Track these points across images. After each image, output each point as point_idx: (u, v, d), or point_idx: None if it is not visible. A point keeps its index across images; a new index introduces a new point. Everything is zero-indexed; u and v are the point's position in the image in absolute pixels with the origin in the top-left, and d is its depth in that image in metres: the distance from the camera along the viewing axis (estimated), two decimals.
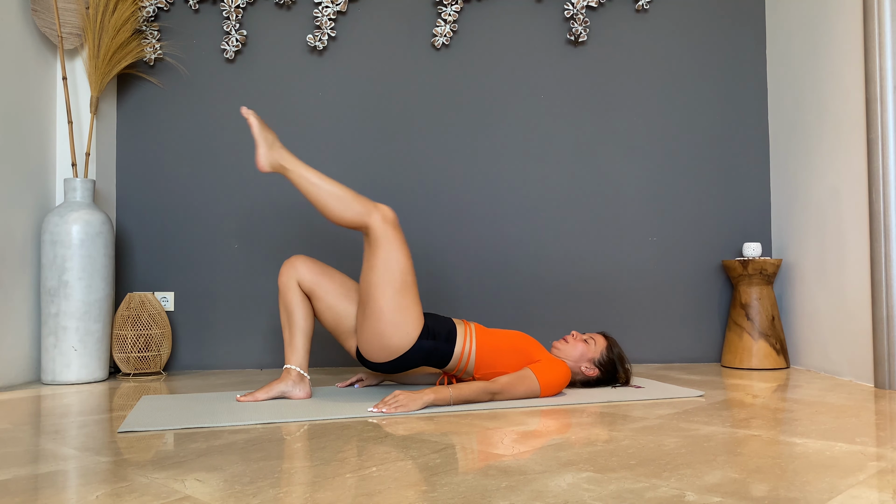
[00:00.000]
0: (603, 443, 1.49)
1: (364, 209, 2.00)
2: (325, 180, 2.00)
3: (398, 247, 2.00)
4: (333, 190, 1.99)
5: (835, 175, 2.55)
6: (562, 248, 3.00)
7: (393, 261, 1.99)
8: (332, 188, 1.99)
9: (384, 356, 2.04)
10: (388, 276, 1.98)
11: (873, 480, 1.20)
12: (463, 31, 3.04)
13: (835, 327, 2.55)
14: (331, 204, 1.99)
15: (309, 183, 1.99)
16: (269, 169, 2.02)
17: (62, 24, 2.70)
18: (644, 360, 2.99)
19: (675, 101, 3.05)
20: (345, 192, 2.00)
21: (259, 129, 2.02)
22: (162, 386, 2.45)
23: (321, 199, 1.99)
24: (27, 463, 1.37)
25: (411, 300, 2.02)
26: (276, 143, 2.04)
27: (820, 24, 2.64)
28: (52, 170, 2.76)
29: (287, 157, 2.02)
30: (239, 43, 2.98)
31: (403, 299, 2.00)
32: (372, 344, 2.02)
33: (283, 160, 2.01)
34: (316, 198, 2.00)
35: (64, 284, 2.51)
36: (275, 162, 2.02)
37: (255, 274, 2.97)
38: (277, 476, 1.25)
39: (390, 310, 1.98)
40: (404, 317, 2.00)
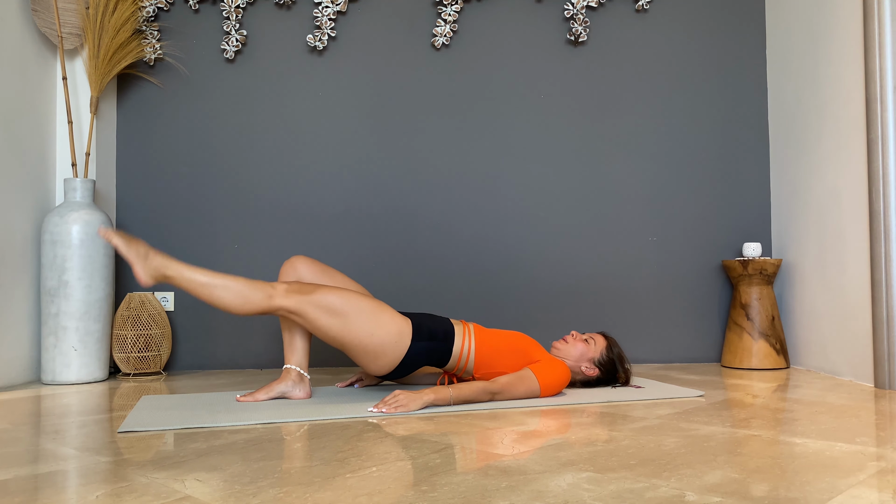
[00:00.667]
0: (603, 443, 1.49)
1: (263, 295, 1.91)
2: (214, 277, 1.90)
3: (323, 298, 1.94)
4: (226, 284, 1.89)
5: (835, 175, 2.55)
6: (561, 247, 3.00)
7: (334, 312, 1.94)
8: (224, 282, 1.90)
9: (387, 369, 2.06)
10: (342, 325, 1.95)
11: (873, 480, 1.20)
12: (463, 31, 3.04)
13: (835, 327, 2.55)
14: (228, 301, 1.89)
15: (198, 284, 1.88)
16: (152, 282, 1.88)
17: (62, 24, 2.70)
18: (644, 360, 2.99)
19: (675, 101, 3.05)
20: (238, 285, 1.90)
21: (126, 245, 1.86)
22: (162, 386, 2.45)
23: (217, 298, 1.89)
24: (27, 463, 1.37)
25: (380, 315, 1.99)
26: (150, 252, 1.89)
27: (820, 24, 2.64)
28: (52, 170, 2.76)
29: (167, 263, 1.89)
30: (239, 43, 2.98)
31: (372, 322, 1.97)
32: (371, 366, 2.05)
33: (163, 268, 1.88)
34: (211, 299, 1.90)
35: (64, 284, 2.51)
36: (156, 272, 1.88)
37: (255, 274, 2.97)
38: (277, 476, 1.25)
39: (369, 340, 1.97)
40: (386, 334, 1.99)
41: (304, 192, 2.99)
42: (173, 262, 1.90)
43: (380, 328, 1.99)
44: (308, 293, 1.95)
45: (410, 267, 2.98)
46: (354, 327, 1.96)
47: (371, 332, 1.97)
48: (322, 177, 3.00)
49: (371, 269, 2.97)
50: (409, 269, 2.98)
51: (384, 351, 2.00)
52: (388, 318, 2.01)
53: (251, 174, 3.00)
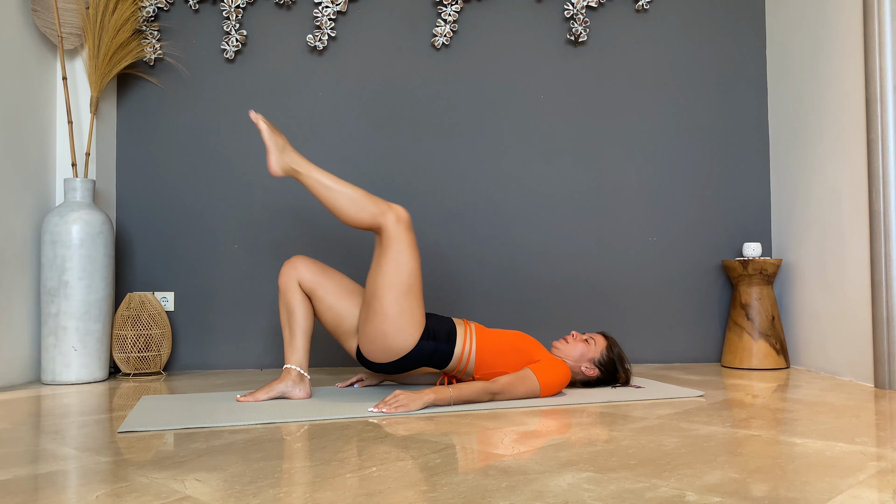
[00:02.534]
0: (603, 443, 1.49)
1: (378, 209, 1.99)
2: (338, 182, 1.99)
3: (408, 249, 2.00)
4: (347, 191, 1.99)
5: (835, 175, 2.55)
6: (562, 247, 3.00)
7: (402, 263, 1.99)
8: (346, 189, 1.99)
9: (386, 357, 2.04)
10: (395, 277, 1.98)
11: (873, 480, 1.20)
12: (463, 31, 3.04)
13: (835, 327, 2.55)
14: (345, 206, 1.98)
15: (322, 186, 1.99)
16: (281, 173, 2.01)
17: (62, 24, 2.70)
18: (644, 360, 2.99)
19: (675, 101, 3.05)
20: (358, 194, 2.00)
21: (269, 133, 1.99)
22: (162, 386, 2.45)
23: (335, 201, 1.99)
24: (27, 463, 1.37)
25: (415, 303, 2.02)
26: (288, 146, 2.02)
27: (820, 24, 2.64)
28: (52, 170, 2.76)
29: (299, 160, 2.01)
30: (239, 43, 2.98)
31: (408, 302, 2.00)
32: (374, 344, 2.02)
33: (294, 164, 2.00)
34: (329, 201, 1.99)
35: (64, 284, 2.51)
36: (287, 166, 2.00)
37: (255, 274, 2.97)
38: (277, 476, 1.25)
39: (394, 311, 1.98)
40: (407, 319, 2.00)
41: (303, 192, 2.99)
42: (304, 161, 2.01)
43: (410, 312, 2.00)
44: (408, 236, 2.00)
45: None
46: (397, 291, 1.98)
47: (402, 308, 1.99)
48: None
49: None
50: None
51: (397, 334, 2.00)
52: (419, 311, 2.04)
53: (251, 174, 3.00)
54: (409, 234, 2.01)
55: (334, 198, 1.98)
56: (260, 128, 2.00)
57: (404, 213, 2.01)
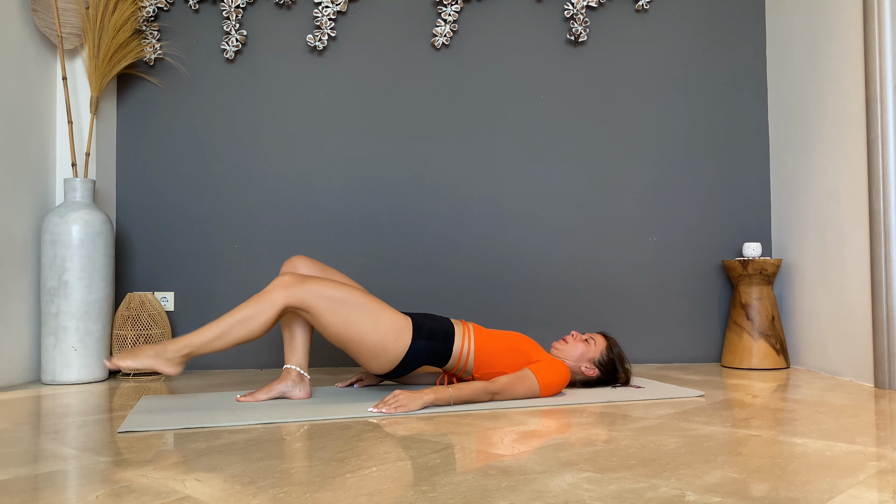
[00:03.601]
0: (603, 443, 1.49)
1: (267, 304, 1.91)
2: (221, 323, 1.89)
3: (325, 291, 1.95)
4: (234, 319, 1.89)
5: (835, 175, 2.55)
6: (561, 247, 3.00)
7: (335, 307, 1.95)
8: (231, 321, 1.89)
9: (387, 367, 2.06)
10: (346, 323, 1.96)
11: (873, 480, 1.20)
12: (463, 31, 3.04)
13: (835, 327, 2.55)
14: (246, 331, 1.90)
15: (216, 340, 1.89)
16: (179, 369, 1.88)
17: (62, 24, 2.70)
18: (644, 360, 2.99)
19: (675, 101, 3.05)
20: (243, 311, 1.90)
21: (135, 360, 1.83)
22: (162, 386, 2.45)
23: (238, 337, 1.90)
24: (27, 463, 1.37)
25: (381, 312, 2.00)
26: (159, 347, 1.87)
27: (820, 24, 2.64)
28: (52, 170, 2.76)
29: (179, 346, 1.87)
30: (239, 43, 2.98)
31: (375, 320, 1.98)
32: (371, 365, 2.06)
33: (181, 352, 1.87)
34: (235, 341, 1.90)
35: (64, 284, 2.51)
36: (177, 359, 1.87)
37: (255, 274, 2.97)
38: (277, 476, 1.25)
39: (370, 336, 1.98)
40: (387, 331, 2.00)
41: (303, 192, 2.99)
42: (183, 341, 1.88)
43: (380, 325, 1.99)
44: (307, 283, 1.95)
45: (410, 267, 2.98)
46: (355, 322, 1.96)
47: (371, 328, 1.98)
48: (322, 176, 3.00)
49: (371, 268, 2.97)
50: (409, 269, 2.98)
51: (385, 348, 2.00)
52: (388, 316, 2.02)
53: (251, 174, 3.00)
54: (311, 284, 1.94)
55: (234, 335, 1.90)
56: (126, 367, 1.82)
57: (285, 279, 1.94)
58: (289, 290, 1.93)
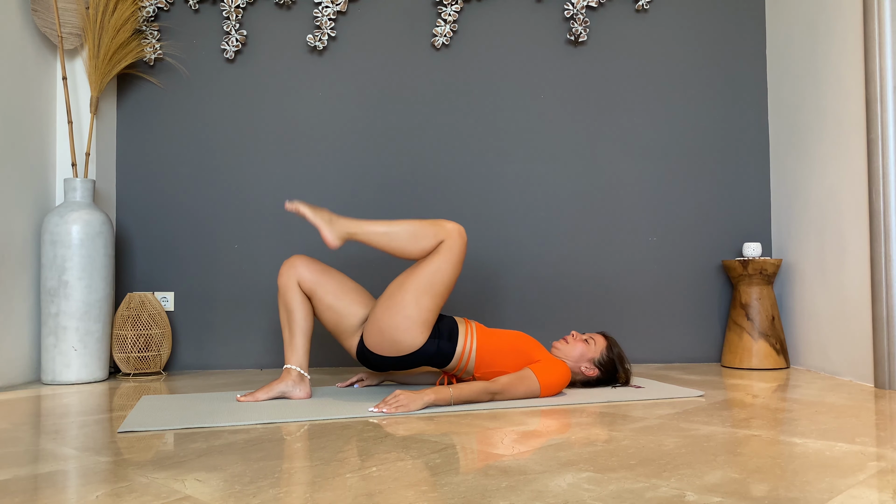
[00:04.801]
0: (603, 443, 1.49)
1: (437, 230, 2.02)
2: (391, 225, 2.02)
3: (455, 260, 2.04)
4: (404, 229, 2.02)
5: (835, 175, 2.55)
6: (561, 247, 3.00)
7: (443, 269, 2.03)
8: (403, 228, 2.02)
9: (390, 350, 2.05)
10: (430, 278, 2.02)
11: (873, 480, 1.20)
12: (463, 31, 3.04)
13: (835, 327, 2.55)
14: (407, 245, 2.02)
15: (380, 235, 2.01)
16: (339, 243, 2.02)
17: (62, 24, 2.70)
18: (644, 360, 2.99)
19: (675, 101, 3.05)
20: (415, 226, 2.03)
21: (312, 213, 2.02)
22: (162, 386, 2.46)
23: (397, 245, 2.02)
24: (27, 463, 1.37)
25: (435, 308, 2.05)
26: (334, 217, 2.04)
27: (820, 24, 2.64)
28: (52, 170, 2.76)
29: (349, 223, 2.03)
30: (239, 43, 2.98)
31: (429, 303, 2.03)
32: (384, 335, 2.04)
33: (347, 228, 2.02)
34: (391, 247, 2.02)
35: (64, 284, 2.51)
36: (341, 234, 2.02)
37: (255, 274, 2.97)
38: (277, 476, 1.25)
39: (414, 308, 2.01)
40: (422, 320, 2.03)
41: (303, 192, 2.99)
42: (354, 222, 2.03)
43: (427, 314, 2.03)
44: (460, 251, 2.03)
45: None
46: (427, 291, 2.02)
47: (423, 307, 2.02)
48: (322, 176, 3.00)
49: (371, 268, 2.97)
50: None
51: (408, 329, 2.02)
52: (434, 317, 2.07)
53: (251, 174, 3.00)
54: (462, 250, 2.05)
55: (395, 242, 2.02)
56: (302, 213, 2.01)
57: (463, 231, 2.06)
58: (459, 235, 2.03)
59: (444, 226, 2.03)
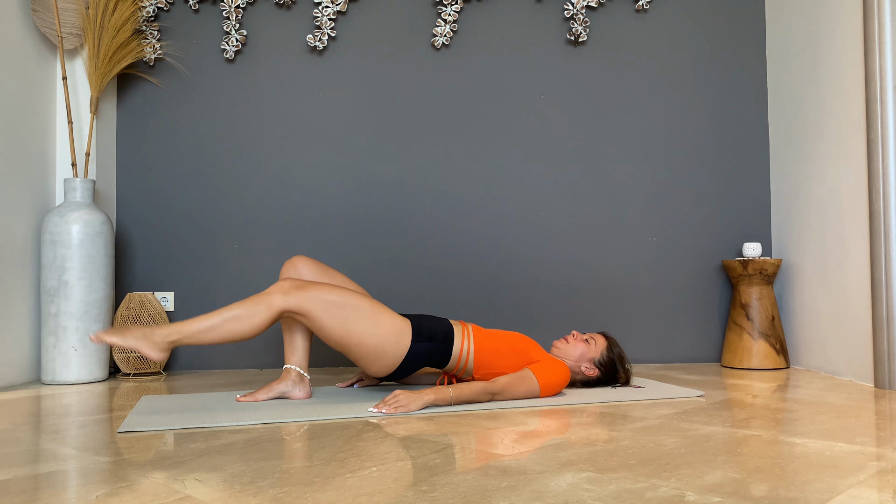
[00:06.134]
0: (603, 443, 1.49)
1: (264, 306, 1.89)
2: (214, 316, 1.87)
3: (324, 296, 1.94)
4: (227, 315, 1.87)
5: (835, 175, 2.55)
6: (562, 248, 3.00)
7: (335, 312, 1.94)
8: (225, 315, 1.87)
9: (387, 370, 2.06)
10: (343, 324, 1.94)
11: (873, 480, 1.20)
12: (463, 31, 3.04)
13: (835, 327, 2.55)
14: (237, 329, 1.87)
15: (205, 332, 1.85)
16: (164, 355, 1.84)
17: (62, 24, 2.70)
18: (644, 360, 2.99)
19: (675, 101, 3.05)
20: (238, 309, 1.88)
21: (122, 339, 1.80)
22: (162, 386, 2.45)
23: (227, 335, 1.87)
24: (27, 463, 1.37)
25: (381, 318, 1.99)
26: (147, 330, 1.84)
27: (820, 24, 2.64)
28: (52, 170, 2.76)
29: (167, 332, 1.84)
30: (239, 43, 2.98)
31: (374, 325, 1.97)
32: (371, 368, 2.06)
33: (168, 338, 1.84)
34: (223, 338, 1.87)
35: (64, 284, 2.51)
36: (163, 344, 1.84)
37: (255, 274, 2.97)
38: (277, 476, 1.25)
39: (370, 340, 1.97)
40: (386, 334, 1.99)
41: (304, 192, 2.99)
42: (173, 327, 1.85)
43: (380, 328, 1.98)
44: (306, 289, 1.94)
45: (410, 267, 2.98)
46: (354, 326, 1.96)
47: (372, 332, 1.97)
48: (322, 177, 3.00)
49: (371, 269, 2.97)
50: (409, 269, 2.98)
51: (384, 351, 2.00)
52: (387, 318, 2.01)
53: (251, 174, 3.00)
54: (309, 290, 1.93)
55: (224, 332, 1.86)
56: (112, 342, 1.79)
57: (285, 284, 1.93)
58: (287, 296, 1.92)
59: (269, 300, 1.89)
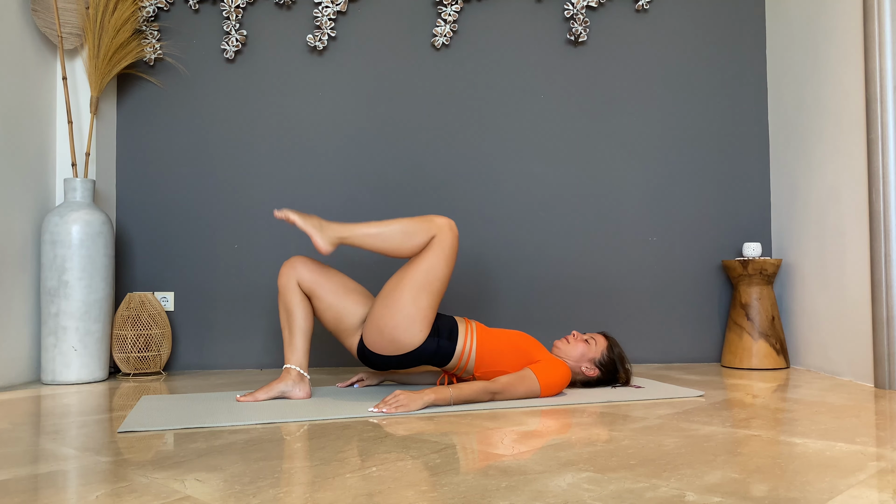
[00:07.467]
0: (603, 443, 1.49)
1: (429, 225, 2.03)
2: (382, 226, 2.03)
3: (448, 255, 2.04)
4: (395, 228, 2.02)
5: (835, 175, 2.55)
6: (562, 247, 3.00)
7: (436, 265, 2.03)
8: (393, 227, 2.02)
9: (390, 349, 2.05)
10: (425, 275, 2.02)
11: (873, 480, 1.20)
12: (463, 31, 3.04)
13: (835, 327, 2.55)
14: (400, 244, 2.03)
15: (372, 237, 2.02)
16: (331, 248, 2.02)
17: (62, 24, 2.70)
18: (644, 360, 2.99)
19: (675, 101, 3.05)
20: (406, 224, 2.03)
21: (302, 220, 2.02)
22: (162, 386, 2.45)
23: (389, 245, 2.02)
24: (27, 463, 1.37)
25: (433, 305, 2.05)
26: (323, 222, 2.04)
27: (820, 24, 2.64)
28: (52, 170, 2.76)
29: (340, 228, 2.03)
30: (239, 43, 2.98)
31: (426, 301, 2.03)
32: (383, 335, 2.04)
33: (338, 233, 2.02)
34: (384, 247, 2.03)
35: (64, 284, 2.51)
36: (332, 239, 2.02)
37: (255, 274, 2.97)
38: (277, 476, 1.25)
39: (411, 306, 2.02)
40: (421, 317, 2.03)
41: (303, 192, 2.99)
42: (344, 226, 2.03)
43: (425, 311, 2.04)
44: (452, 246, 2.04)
45: None
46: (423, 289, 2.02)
47: (421, 305, 2.03)
48: (322, 177, 3.00)
49: (370, 269, 2.97)
50: None
51: (407, 328, 2.02)
52: (433, 314, 2.07)
53: (251, 174, 3.00)
54: (454, 244, 2.05)
55: (388, 242, 2.02)
56: (292, 220, 2.01)
57: (454, 225, 2.06)
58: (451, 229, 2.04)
59: (434, 221, 2.04)
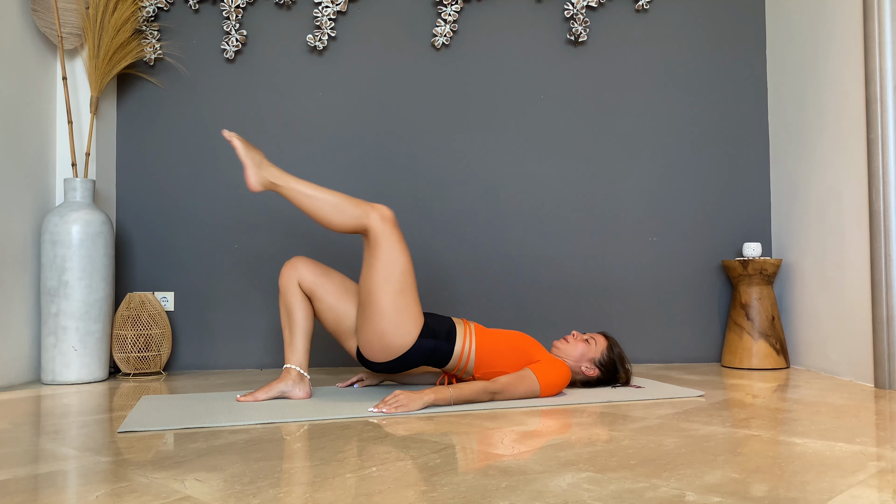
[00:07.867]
0: (603, 443, 1.49)
1: (360, 211, 1.98)
2: (318, 190, 1.98)
3: (397, 246, 1.99)
4: (328, 198, 1.98)
5: (834, 175, 2.55)
6: (562, 248, 3.00)
7: (392, 261, 1.98)
8: (327, 196, 1.98)
9: (385, 356, 2.04)
10: (388, 276, 1.97)
11: (873, 480, 1.20)
12: (463, 31, 3.04)
13: (835, 327, 2.55)
14: (327, 213, 1.98)
15: (302, 196, 1.98)
16: (260, 188, 1.99)
17: (62, 24, 2.70)
18: (644, 360, 2.99)
19: (675, 101, 3.05)
20: (339, 199, 1.99)
21: (244, 150, 1.99)
22: (162, 386, 2.45)
23: (317, 210, 1.98)
24: (27, 463, 1.37)
25: (411, 300, 2.01)
26: (264, 161, 2.01)
27: (820, 24, 2.64)
28: (52, 170, 2.76)
29: (277, 173, 2.00)
30: (239, 43, 2.98)
31: (403, 299, 1.99)
32: (372, 344, 2.02)
33: (272, 177, 1.99)
34: (311, 210, 1.99)
35: (64, 284, 2.51)
36: (265, 180, 1.99)
37: (255, 274, 2.97)
38: (277, 476, 1.25)
39: (391, 310, 1.98)
40: (405, 317, 2.00)
41: None
42: (282, 174, 1.99)
43: (406, 309, 2.00)
44: (395, 234, 1.99)
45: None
46: (392, 290, 1.98)
47: (399, 306, 1.98)
48: (321, 176, 3.00)
49: None
50: None
51: (395, 332, 1.99)
52: (416, 307, 2.03)
53: None
54: (396, 232, 2.00)
55: (316, 206, 1.98)
56: (234, 145, 1.98)
57: (388, 211, 2.01)
58: (382, 222, 1.98)
59: (368, 210, 1.98)
